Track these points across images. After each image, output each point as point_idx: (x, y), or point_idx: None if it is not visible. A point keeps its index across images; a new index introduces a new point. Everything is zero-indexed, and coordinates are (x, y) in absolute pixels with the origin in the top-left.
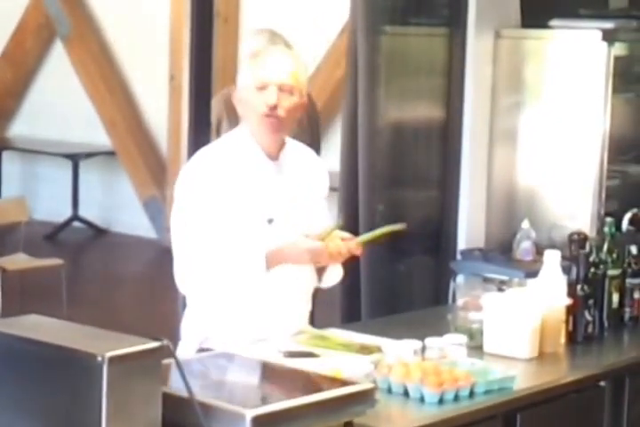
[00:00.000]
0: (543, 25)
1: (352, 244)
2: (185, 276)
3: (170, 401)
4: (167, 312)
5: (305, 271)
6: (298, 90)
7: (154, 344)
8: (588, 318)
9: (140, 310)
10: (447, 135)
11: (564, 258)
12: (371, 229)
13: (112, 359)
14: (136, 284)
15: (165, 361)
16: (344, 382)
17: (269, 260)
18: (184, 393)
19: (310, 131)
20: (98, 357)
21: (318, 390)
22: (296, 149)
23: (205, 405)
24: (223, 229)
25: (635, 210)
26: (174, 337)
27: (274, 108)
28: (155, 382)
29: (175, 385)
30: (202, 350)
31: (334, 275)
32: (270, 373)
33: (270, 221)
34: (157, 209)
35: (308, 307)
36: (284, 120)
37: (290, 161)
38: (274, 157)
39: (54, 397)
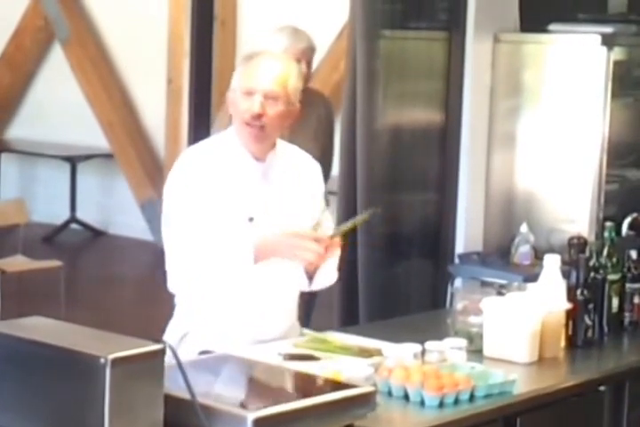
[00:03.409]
0: (542, 29)
1: (326, 240)
2: (175, 275)
3: (172, 403)
4: (165, 314)
5: (290, 271)
6: (285, 98)
7: (156, 346)
8: (588, 322)
9: (138, 311)
10: (446, 139)
11: (563, 262)
12: (368, 230)
13: (115, 361)
14: (134, 286)
15: (167, 363)
16: (344, 385)
17: (257, 252)
18: (186, 395)
19: (329, 131)
20: (101, 359)
21: (319, 392)
22: (288, 152)
23: (207, 407)
24: (206, 226)
25: (634, 214)
26: None
27: (257, 116)
28: (157, 384)
29: (177, 387)
30: (203, 352)
31: (326, 277)
32: (271, 375)
33: (251, 219)
34: (155, 211)
35: (294, 307)
36: (268, 128)
37: (279, 163)
38: (261, 158)
39: (57, 398)
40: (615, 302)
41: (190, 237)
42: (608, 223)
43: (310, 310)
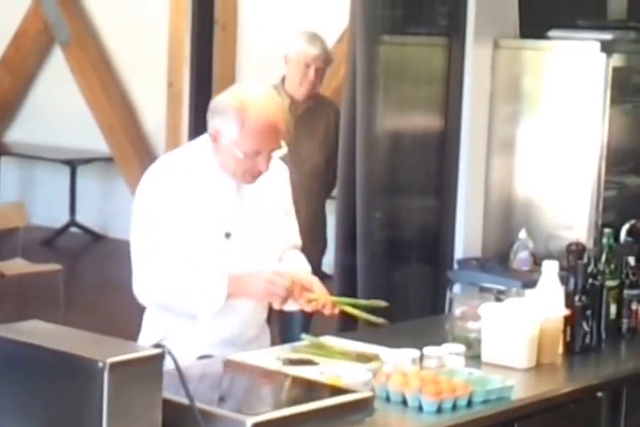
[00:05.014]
0: (542, 35)
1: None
2: (141, 283)
3: (170, 408)
4: None
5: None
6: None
7: (155, 351)
8: (586, 328)
9: (137, 315)
10: (445, 144)
11: (561, 268)
12: (367, 235)
13: (113, 365)
14: (133, 289)
15: (166, 368)
16: (343, 391)
17: (230, 288)
18: (184, 400)
19: (337, 138)
20: (99, 363)
21: (317, 397)
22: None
23: (206, 412)
24: (181, 241)
25: (633, 221)
26: None
27: (261, 172)
28: (155, 388)
29: (176, 392)
30: (202, 357)
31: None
32: (270, 380)
33: (228, 235)
34: None
35: (264, 313)
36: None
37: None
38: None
39: (55, 402)
40: (613, 308)
41: (162, 253)
42: (606, 230)
43: (311, 315)
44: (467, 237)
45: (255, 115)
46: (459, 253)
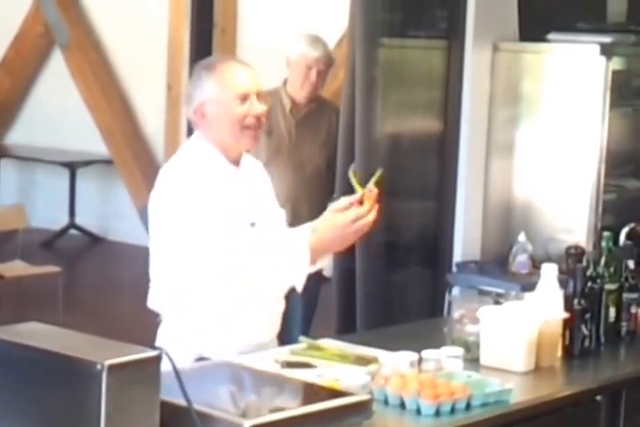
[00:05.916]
0: (541, 38)
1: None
2: (180, 292)
3: (168, 410)
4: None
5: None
6: (265, 94)
7: (153, 353)
8: (585, 332)
9: (136, 318)
10: (444, 148)
11: (561, 272)
12: (367, 238)
13: (111, 367)
14: (132, 292)
15: (164, 370)
16: (341, 393)
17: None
18: (182, 402)
19: (336, 140)
20: (97, 365)
21: (315, 400)
22: (248, 158)
23: (203, 414)
24: (218, 237)
25: (632, 224)
26: None
27: (260, 116)
28: (153, 390)
29: (173, 394)
30: (200, 359)
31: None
32: (268, 383)
33: (253, 224)
34: None
35: (282, 305)
36: (262, 128)
37: (248, 168)
38: (237, 163)
39: (53, 404)
40: (612, 311)
41: (203, 252)
42: (606, 233)
43: (310, 318)
44: (466, 240)
45: (224, 64)
46: (457, 255)
